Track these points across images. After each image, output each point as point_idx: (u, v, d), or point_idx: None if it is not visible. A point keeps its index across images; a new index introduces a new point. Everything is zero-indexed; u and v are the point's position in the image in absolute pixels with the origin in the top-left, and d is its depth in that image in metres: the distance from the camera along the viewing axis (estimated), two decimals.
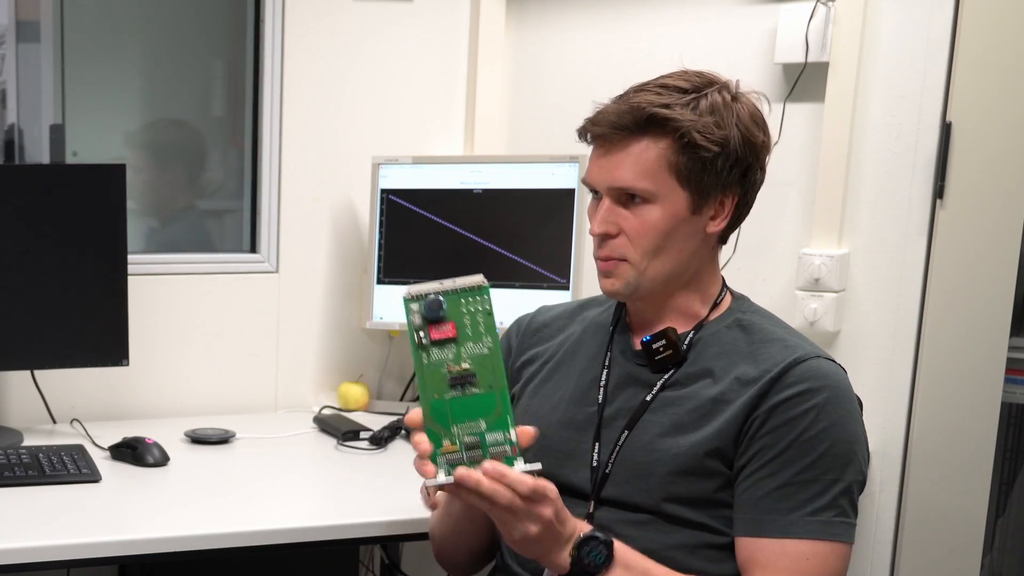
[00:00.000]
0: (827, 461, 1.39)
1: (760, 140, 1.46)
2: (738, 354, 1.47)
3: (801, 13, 2.13)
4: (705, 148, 1.41)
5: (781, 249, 2.21)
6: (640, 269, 1.46)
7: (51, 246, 2.22)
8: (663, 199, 1.43)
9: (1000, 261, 1.99)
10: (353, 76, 2.58)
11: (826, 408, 1.40)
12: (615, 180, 1.44)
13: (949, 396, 2.04)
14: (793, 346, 1.46)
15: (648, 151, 1.42)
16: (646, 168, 1.43)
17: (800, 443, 1.39)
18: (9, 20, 2.83)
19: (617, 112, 1.43)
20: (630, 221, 1.45)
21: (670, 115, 1.41)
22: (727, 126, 1.42)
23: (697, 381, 1.47)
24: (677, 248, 1.46)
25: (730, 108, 1.43)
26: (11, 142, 2.80)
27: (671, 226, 1.44)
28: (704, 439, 1.44)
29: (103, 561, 1.82)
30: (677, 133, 1.41)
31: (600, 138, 1.46)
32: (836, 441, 1.40)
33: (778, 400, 1.41)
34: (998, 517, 2.50)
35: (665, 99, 1.42)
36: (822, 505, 1.39)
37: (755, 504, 1.41)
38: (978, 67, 1.96)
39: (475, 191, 2.46)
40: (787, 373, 1.42)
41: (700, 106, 1.42)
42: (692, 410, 1.46)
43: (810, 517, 1.39)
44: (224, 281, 2.55)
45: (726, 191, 1.46)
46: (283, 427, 2.43)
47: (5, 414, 2.38)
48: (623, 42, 2.44)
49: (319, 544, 1.86)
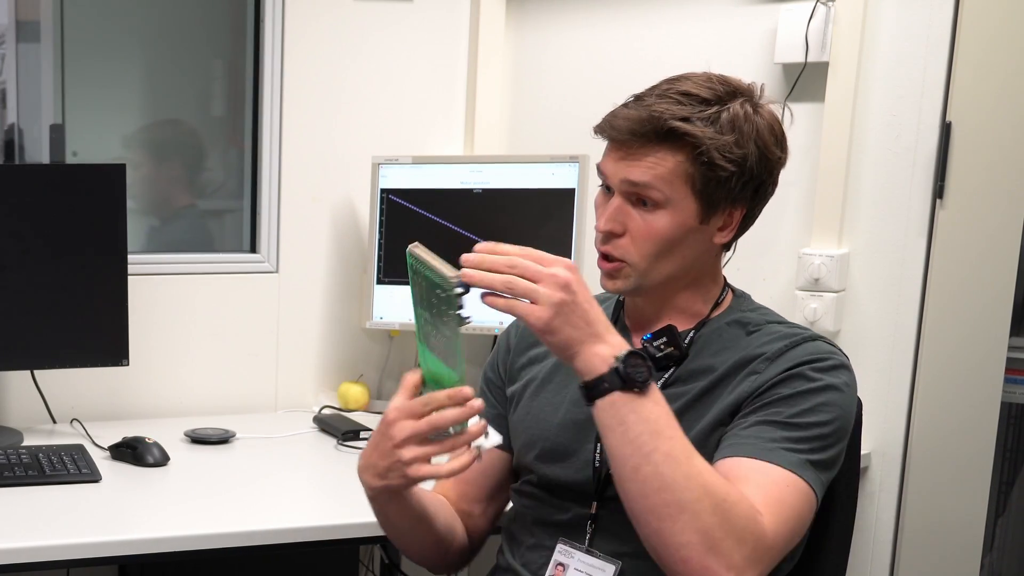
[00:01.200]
0: (817, 413, 1.39)
1: (776, 156, 1.45)
2: (738, 347, 1.47)
3: (801, 13, 2.13)
4: (722, 168, 1.40)
5: (781, 249, 2.21)
6: (641, 271, 1.46)
7: (51, 246, 2.22)
8: (673, 207, 1.43)
9: (1000, 261, 1.99)
10: (353, 76, 2.58)
11: (830, 371, 1.41)
12: (629, 177, 1.43)
13: (949, 396, 2.04)
14: (793, 332, 1.47)
15: (665, 161, 1.41)
16: (661, 175, 1.41)
17: (794, 393, 1.39)
18: (9, 20, 2.83)
19: (638, 120, 1.41)
20: (637, 223, 1.45)
21: (690, 130, 1.39)
22: (746, 144, 1.41)
23: (699, 378, 1.47)
24: (681, 254, 1.46)
25: (751, 122, 1.42)
26: (11, 142, 2.80)
27: (678, 234, 1.44)
28: (704, 425, 1.44)
29: (103, 561, 1.82)
30: (696, 150, 1.40)
31: (617, 142, 1.45)
32: (830, 401, 1.39)
33: (776, 369, 1.41)
34: (998, 517, 2.50)
35: (686, 110, 1.40)
36: (801, 448, 1.38)
37: (738, 433, 1.40)
38: (978, 67, 1.96)
39: (475, 191, 2.46)
40: (787, 352, 1.43)
41: (720, 120, 1.40)
42: (692, 401, 1.46)
43: (787, 451, 1.37)
44: (224, 281, 2.55)
45: (735, 204, 1.45)
46: (283, 427, 2.43)
47: (5, 414, 2.38)
48: (623, 42, 2.44)
49: (319, 544, 1.86)
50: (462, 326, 1.29)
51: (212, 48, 2.87)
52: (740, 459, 1.37)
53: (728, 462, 1.38)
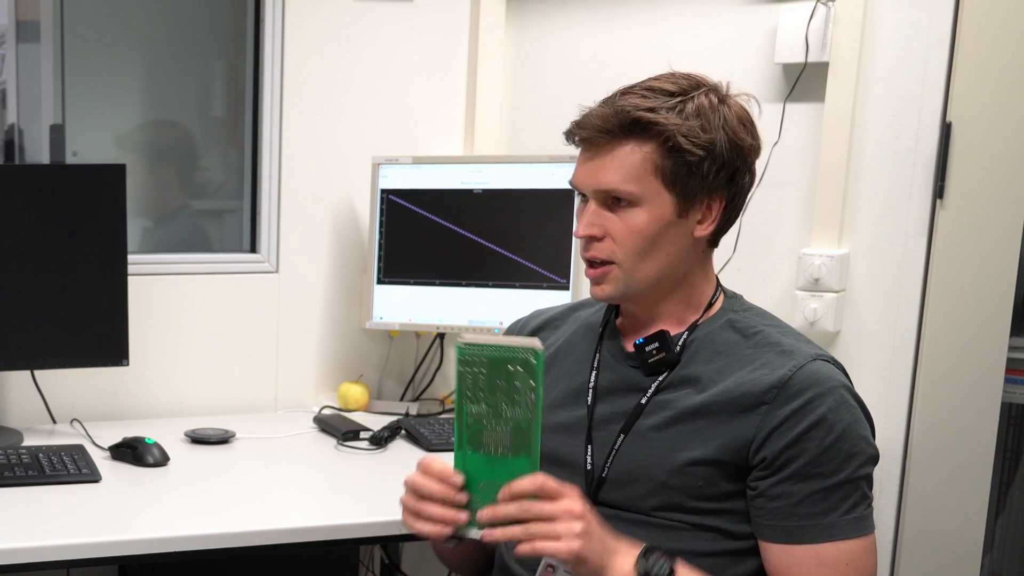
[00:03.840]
0: (852, 463, 1.41)
1: (748, 143, 1.46)
2: (733, 357, 1.47)
3: (801, 13, 2.13)
4: (690, 152, 1.41)
5: (781, 249, 2.21)
6: (628, 271, 1.46)
7: (51, 246, 2.22)
8: (648, 202, 1.43)
9: (1000, 261, 1.99)
10: (353, 76, 2.58)
11: (836, 412, 1.41)
12: (600, 183, 1.45)
13: (949, 396, 2.04)
14: (790, 350, 1.45)
15: (633, 154, 1.43)
16: (631, 171, 1.43)
17: (820, 453, 1.40)
18: (9, 20, 2.83)
19: (603, 116, 1.44)
20: (616, 224, 1.45)
21: (655, 119, 1.41)
22: (713, 129, 1.42)
23: (691, 384, 1.47)
24: (664, 251, 1.46)
25: (717, 111, 1.43)
26: (11, 142, 2.80)
27: (657, 229, 1.44)
28: (703, 445, 1.43)
29: (103, 561, 1.82)
30: (662, 137, 1.41)
31: (586, 141, 1.47)
32: (853, 442, 1.41)
33: (786, 413, 1.41)
34: (997, 516, 2.50)
35: (651, 102, 1.42)
36: (854, 502, 1.41)
37: (790, 511, 1.41)
38: (978, 67, 1.96)
39: (475, 191, 2.46)
40: (788, 383, 1.42)
41: (686, 109, 1.42)
42: (688, 414, 1.46)
43: (847, 515, 1.40)
44: (224, 281, 2.55)
45: (712, 194, 1.45)
46: (283, 427, 2.43)
47: (5, 414, 2.38)
48: (623, 42, 2.44)
49: (319, 544, 1.86)
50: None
51: (212, 48, 2.87)
52: (797, 548, 1.41)
53: (787, 553, 1.42)
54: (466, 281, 2.47)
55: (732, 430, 1.43)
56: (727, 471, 1.44)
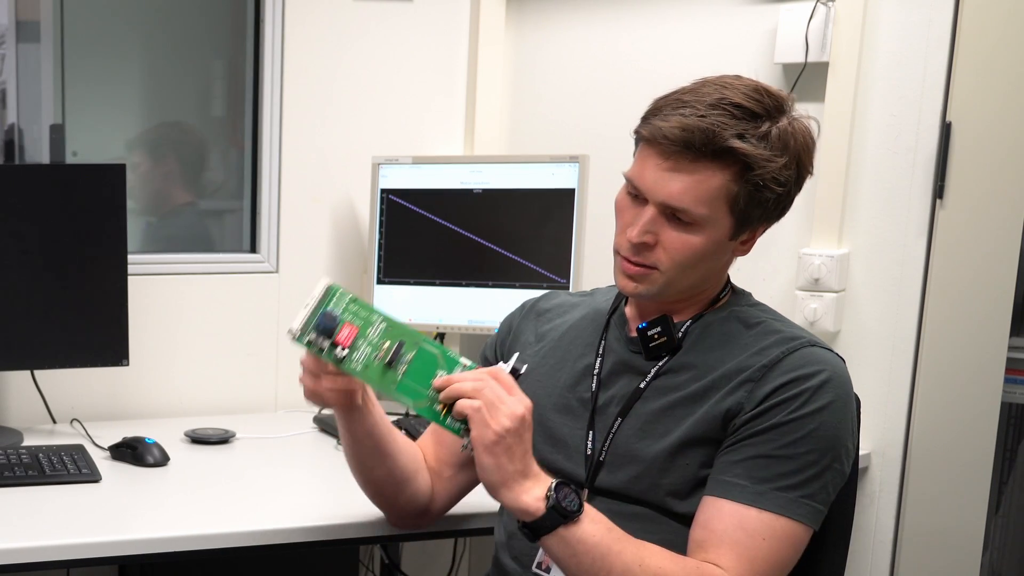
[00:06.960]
0: (809, 442, 1.39)
1: (808, 173, 1.45)
2: (734, 344, 1.47)
3: (801, 13, 2.13)
4: (771, 190, 1.40)
5: (781, 249, 2.21)
6: (669, 279, 1.46)
7: (51, 246, 2.22)
8: (711, 225, 1.42)
9: (1000, 261, 1.99)
10: (353, 76, 2.58)
11: (820, 391, 1.40)
12: (672, 198, 1.41)
13: (949, 396, 2.05)
14: (791, 336, 1.46)
15: (712, 179, 1.39)
16: (706, 195, 1.40)
17: (787, 421, 1.39)
18: (9, 20, 2.82)
19: (693, 129, 1.37)
20: (671, 237, 1.43)
21: (748, 151, 1.37)
22: (791, 164, 1.41)
23: (691, 370, 1.48)
24: (706, 265, 1.47)
25: (796, 139, 1.41)
26: (11, 142, 2.80)
27: (710, 250, 1.44)
28: (695, 427, 1.44)
29: (103, 561, 1.81)
30: (747, 168, 1.38)
31: (666, 151, 1.41)
32: (823, 424, 1.39)
33: (773, 386, 1.41)
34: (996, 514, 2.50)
35: (740, 126, 1.37)
36: (794, 483, 1.39)
37: (729, 468, 1.41)
38: (978, 67, 1.96)
39: (475, 191, 2.46)
40: (783, 360, 1.42)
41: (771, 137, 1.39)
42: (686, 399, 1.46)
43: (779, 492, 1.38)
44: (224, 281, 2.55)
45: (767, 222, 1.47)
46: (283, 427, 2.43)
47: (5, 414, 2.38)
48: (623, 42, 2.44)
49: (319, 544, 1.86)
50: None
51: (212, 48, 2.87)
52: (723, 503, 1.40)
53: (711, 505, 1.41)
54: (466, 281, 2.47)
55: (720, 406, 1.43)
56: (713, 446, 1.44)
